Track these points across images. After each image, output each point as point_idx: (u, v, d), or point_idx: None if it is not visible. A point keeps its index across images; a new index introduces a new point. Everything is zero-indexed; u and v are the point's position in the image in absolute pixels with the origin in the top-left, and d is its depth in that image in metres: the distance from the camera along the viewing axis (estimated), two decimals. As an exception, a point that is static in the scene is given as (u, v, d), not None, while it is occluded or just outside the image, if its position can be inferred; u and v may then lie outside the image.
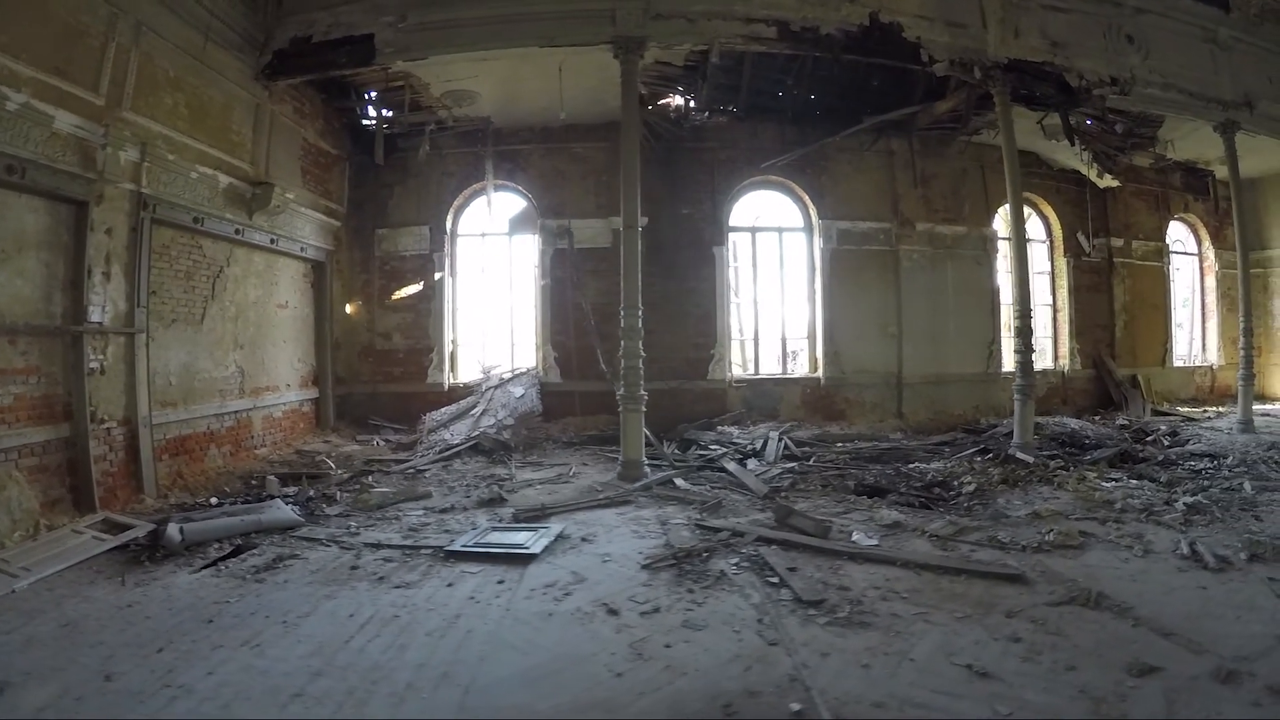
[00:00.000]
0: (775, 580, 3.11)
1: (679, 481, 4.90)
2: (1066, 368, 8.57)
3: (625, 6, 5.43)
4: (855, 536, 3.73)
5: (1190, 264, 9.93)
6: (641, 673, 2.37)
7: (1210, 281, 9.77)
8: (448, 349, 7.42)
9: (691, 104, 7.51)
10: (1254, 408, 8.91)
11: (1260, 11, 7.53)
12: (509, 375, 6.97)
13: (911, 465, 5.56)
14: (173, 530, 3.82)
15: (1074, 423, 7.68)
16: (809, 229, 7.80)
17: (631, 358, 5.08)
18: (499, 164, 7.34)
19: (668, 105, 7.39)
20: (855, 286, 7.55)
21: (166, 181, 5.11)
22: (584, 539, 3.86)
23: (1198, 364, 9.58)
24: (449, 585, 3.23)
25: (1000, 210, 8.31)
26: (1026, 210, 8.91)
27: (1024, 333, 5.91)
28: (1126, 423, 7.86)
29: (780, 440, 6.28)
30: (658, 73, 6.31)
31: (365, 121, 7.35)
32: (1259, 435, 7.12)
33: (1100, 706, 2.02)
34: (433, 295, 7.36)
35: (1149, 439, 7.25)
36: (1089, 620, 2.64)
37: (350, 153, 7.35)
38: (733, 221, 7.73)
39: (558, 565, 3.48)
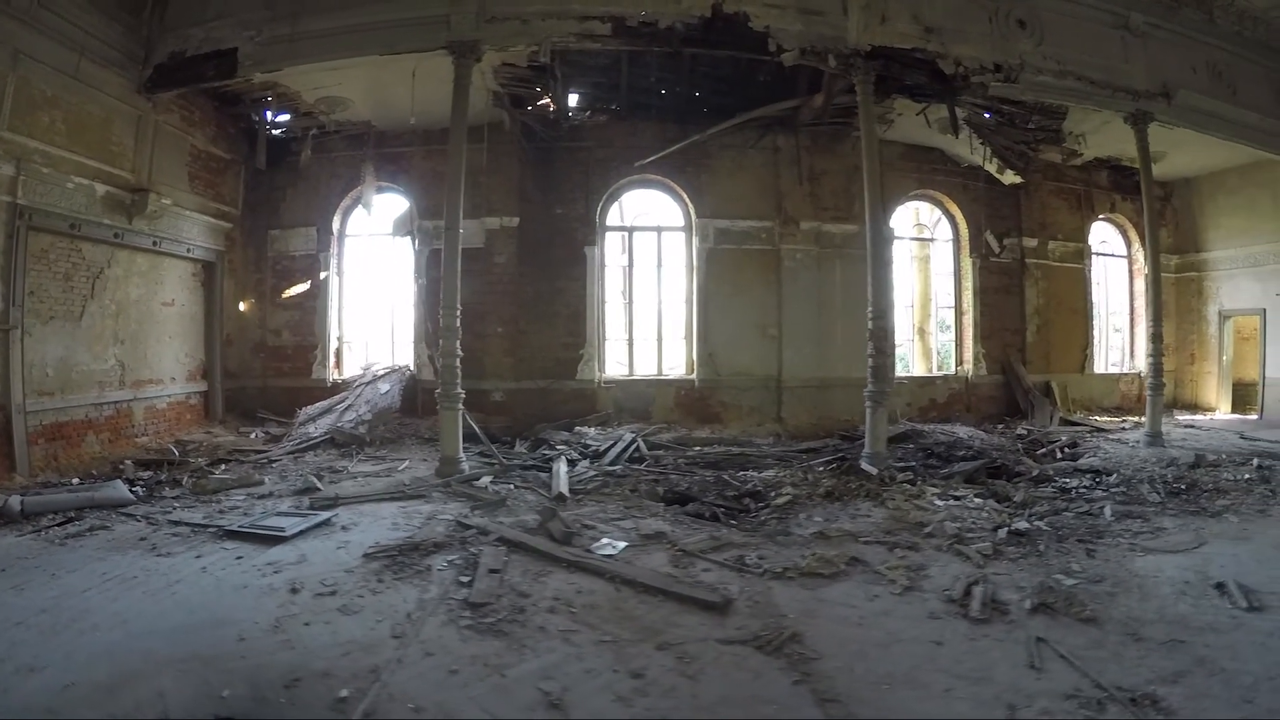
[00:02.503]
0: (467, 580, 3.36)
1: (484, 480, 5.26)
2: (971, 373, 8.48)
3: (459, 11, 5.74)
4: (599, 544, 3.84)
5: (1120, 266, 9.60)
6: (261, 643, 2.76)
7: (1140, 285, 9.43)
8: (332, 345, 8.00)
9: (571, 103, 7.81)
10: (1183, 418, 8.72)
11: (1177, -5, 7.24)
12: (382, 372, 7.48)
13: (745, 473, 5.63)
14: (13, 502, 4.54)
15: (965, 431, 7.64)
16: (689, 228, 7.99)
17: (448, 357, 5.47)
18: (382, 166, 7.82)
19: (547, 106, 7.69)
20: (733, 287, 7.70)
21: (43, 192, 5.76)
22: (344, 527, 4.27)
23: (1125, 371, 9.30)
24: (198, 557, 3.71)
25: (900, 208, 8.28)
26: (932, 208, 8.85)
27: (878, 335, 5.82)
28: (1025, 432, 7.76)
29: (633, 443, 6.55)
30: (510, 74, 6.62)
31: (261, 127, 7.95)
32: (1166, 449, 6.91)
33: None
34: (319, 294, 7.93)
35: (1040, 451, 7.16)
36: (749, 667, 2.46)
37: (246, 156, 7.95)
38: (611, 221, 7.99)
39: (297, 547, 3.90)
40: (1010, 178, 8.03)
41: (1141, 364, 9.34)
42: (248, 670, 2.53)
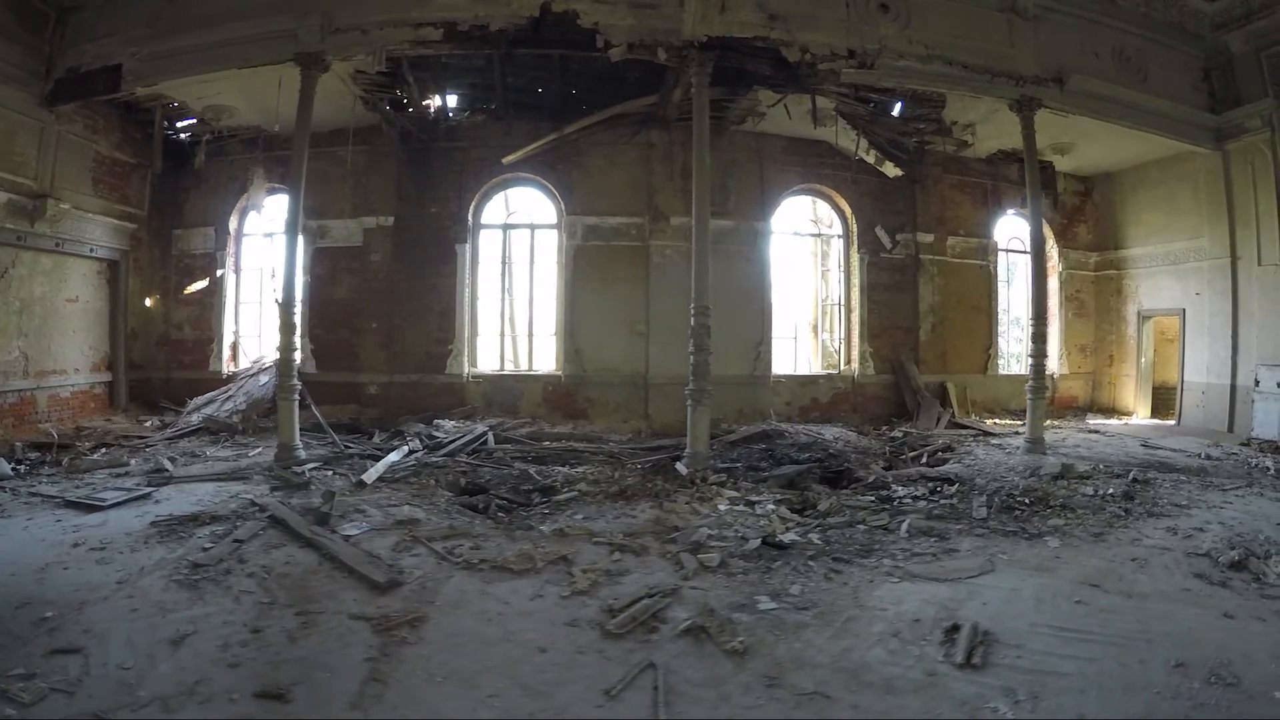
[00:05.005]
0: (211, 546, 4.21)
1: (307, 466, 6.27)
2: (857, 372, 8.95)
3: (306, 25, 6.66)
4: (346, 525, 4.60)
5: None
6: (24, 578, 3.71)
7: (1054, 283, 9.61)
8: (228, 339, 9.20)
9: (452, 104, 8.71)
10: (1095, 422, 9.00)
11: (1076, -23, 7.42)
12: (267, 365, 8.62)
13: (555, 468, 6.29)
14: (-102, 470, 5.88)
15: (833, 433, 8.20)
16: (560, 225, 8.78)
17: (286, 350, 6.46)
18: (273, 169, 8.92)
19: (427, 107, 8.63)
20: (601, 283, 8.44)
21: (-53, 203, 7.12)
22: (157, 500, 5.28)
23: None
24: (29, 519, 4.77)
25: (785, 203, 8.81)
26: (820, 203, 9.33)
27: (699, 333, 6.33)
28: (901, 435, 8.23)
29: (481, 436, 7.43)
30: (367, 81, 7.56)
31: (168, 132, 9.18)
32: (1044, 457, 7.13)
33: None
34: (217, 290, 9.16)
35: (907, 456, 7.61)
36: (348, 640, 2.97)
37: (152, 160, 9.23)
38: (491, 219, 8.87)
39: (106, 515, 4.93)
40: (891, 170, 8.43)
41: (1054, 365, 9.59)
42: (14, 595, 3.57)
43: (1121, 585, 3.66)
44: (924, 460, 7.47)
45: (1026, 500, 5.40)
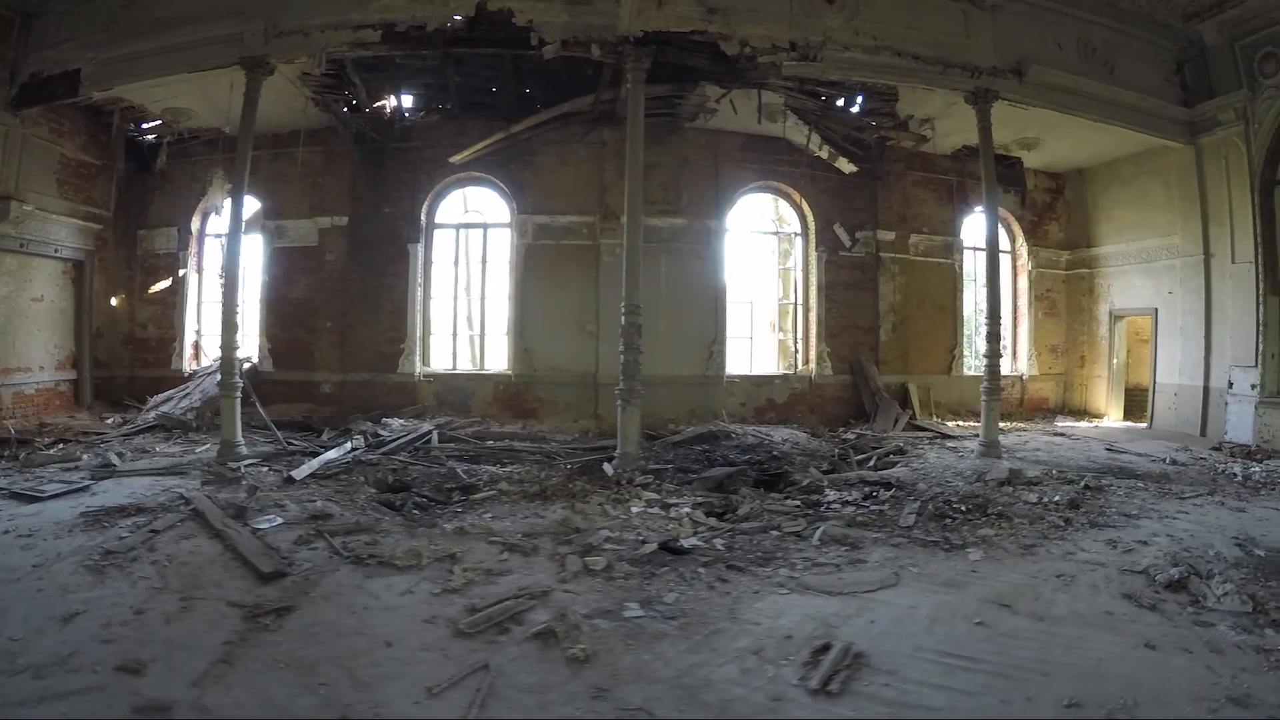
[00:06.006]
0: (126, 535, 4.63)
1: (244, 463, 6.69)
2: (815, 373, 9.12)
3: (251, 29, 7.08)
4: (260, 519, 4.93)
5: (1004, 263, 9.80)
6: None
7: (1023, 282, 9.65)
8: (190, 338, 9.71)
9: (407, 104, 9.10)
10: (1064, 425, 9.07)
11: (1038, -35, 7.49)
12: (224, 364, 9.09)
13: (483, 467, 6.58)
14: None
15: (782, 434, 8.38)
16: (513, 224, 9.10)
17: (228, 349, 6.90)
18: (233, 170, 9.40)
19: (381, 108, 9.02)
20: (551, 282, 8.75)
21: (-87, 204, 7.70)
22: (94, 493, 5.73)
23: (1006, 373, 9.57)
24: None
25: (742, 201, 9.01)
26: (779, 201, 9.51)
27: (629, 332, 6.59)
28: (854, 437, 8.38)
29: (426, 435, 7.79)
30: (316, 83, 7.97)
31: (132, 134, 9.72)
32: (997, 462, 7.17)
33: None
34: (179, 290, 9.67)
35: (853, 458, 7.72)
36: (218, 624, 3.25)
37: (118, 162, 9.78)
38: (440, 219, 9.23)
39: (44, 505, 5.35)
40: (846, 166, 8.58)
41: (1023, 366, 9.65)
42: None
43: (1036, 606, 3.48)
44: (872, 463, 7.58)
45: (963, 508, 5.34)
